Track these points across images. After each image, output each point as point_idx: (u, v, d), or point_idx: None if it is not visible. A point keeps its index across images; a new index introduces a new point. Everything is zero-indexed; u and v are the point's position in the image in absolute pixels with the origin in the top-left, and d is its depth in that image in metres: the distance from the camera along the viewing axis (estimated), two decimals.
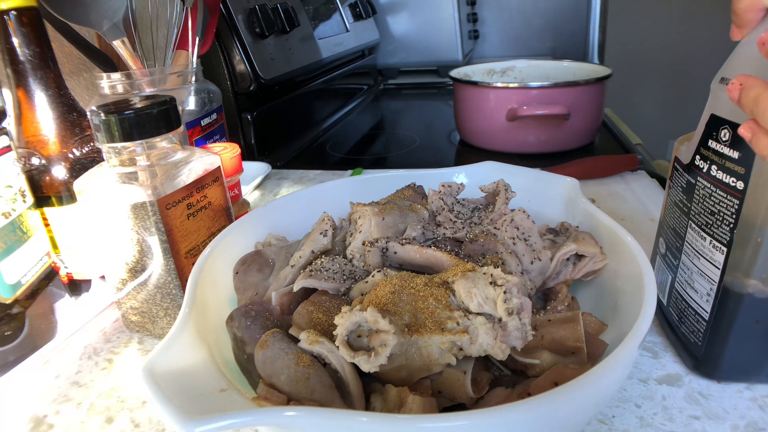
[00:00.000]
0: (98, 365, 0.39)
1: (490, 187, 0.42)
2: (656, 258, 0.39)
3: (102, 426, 0.33)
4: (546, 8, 1.50)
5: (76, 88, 0.70)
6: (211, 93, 0.62)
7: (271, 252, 0.38)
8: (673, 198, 0.36)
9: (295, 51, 0.92)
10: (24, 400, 0.36)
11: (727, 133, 0.29)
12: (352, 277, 0.33)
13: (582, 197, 0.40)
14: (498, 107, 0.78)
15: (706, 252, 0.31)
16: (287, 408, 0.21)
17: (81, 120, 0.44)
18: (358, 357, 0.25)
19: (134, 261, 0.38)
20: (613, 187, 0.65)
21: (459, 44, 1.38)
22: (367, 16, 1.30)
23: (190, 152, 0.40)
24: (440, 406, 0.27)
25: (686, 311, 0.34)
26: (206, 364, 0.26)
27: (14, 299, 0.38)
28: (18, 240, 0.39)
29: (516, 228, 0.35)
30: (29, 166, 0.42)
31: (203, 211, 0.40)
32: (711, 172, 0.30)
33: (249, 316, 0.30)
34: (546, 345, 0.30)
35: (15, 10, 0.40)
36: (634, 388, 0.33)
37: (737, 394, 0.33)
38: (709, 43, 2.01)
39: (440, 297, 0.27)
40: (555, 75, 0.94)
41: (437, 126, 1.04)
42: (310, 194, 0.45)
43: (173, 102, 0.37)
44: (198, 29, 0.58)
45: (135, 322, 0.41)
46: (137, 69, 0.53)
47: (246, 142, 0.85)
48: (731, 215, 0.29)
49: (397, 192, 0.43)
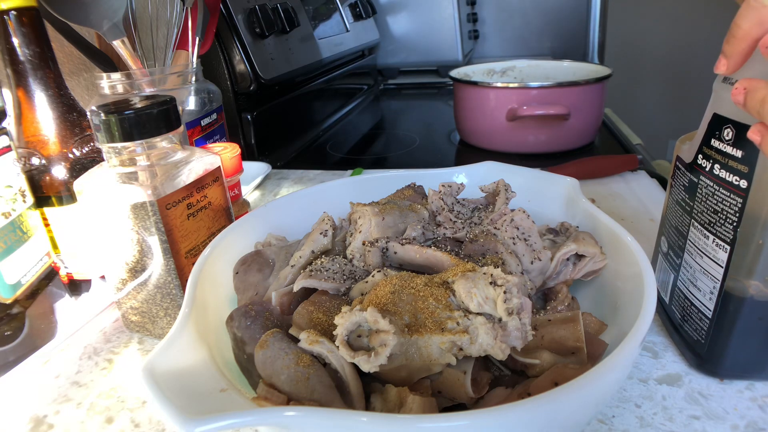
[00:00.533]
0: (98, 365, 0.39)
1: (490, 187, 0.42)
2: (658, 257, 0.39)
3: (102, 426, 0.33)
4: (546, 8, 1.50)
5: (76, 88, 0.70)
6: (211, 93, 0.62)
7: (271, 252, 0.38)
8: (675, 197, 0.36)
9: (295, 51, 0.92)
10: (24, 400, 0.36)
11: (730, 132, 0.29)
12: (352, 277, 0.33)
13: (582, 197, 0.40)
14: (498, 107, 0.78)
15: (709, 251, 0.31)
16: (287, 408, 0.21)
17: (81, 120, 0.44)
18: (358, 357, 0.25)
19: (134, 261, 0.38)
20: (613, 187, 0.65)
21: (459, 44, 1.38)
22: (367, 16, 1.30)
23: (190, 152, 0.40)
24: (440, 406, 0.27)
25: (689, 310, 0.34)
26: (206, 364, 0.26)
27: (14, 299, 0.38)
28: (18, 240, 0.39)
29: (516, 228, 0.35)
30: (29, 166, 0.42)
31: (203, 211, 0.40)
32: (714, 171, 0.30)
33: (249, 316, 0.30)
34: (546, 345, 0.30)
35: (15, 10, 0.40)
36: (634, 388, 0.33)
37: (737, 394, 0.33)
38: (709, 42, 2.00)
39: (440, 297, 0.27)
40: (555, 75, 0.94)
41: (437, 126, 1.04)
42: (310, 194, 0.45)
43: (173, 102, 0.37)
44: (198, 29, 0.58)
45: (135, 322, 0.41)
46: (137, 69, 0.53)
47: (246, 142, 0.85)
48: (734, 214, 0.29)
49: (397, 192, 0.43)
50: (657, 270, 0.39)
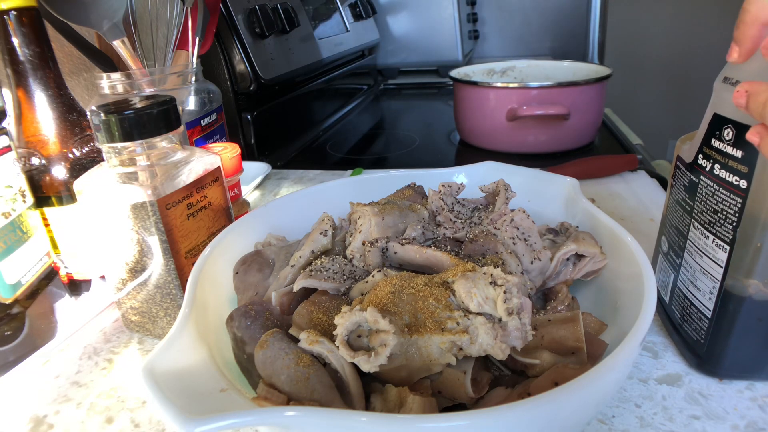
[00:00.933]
0: (98, 365, 0.39)
1: (490, 187, 0.42)
2: (658, 257, 0.39)
3: (102, 426, 0.33)
4: (546, 8, 1.50)
5: (76, 88, 0.70)
6: (211, 93, 0.62)
7: (271, 252, 0.38)
8: (676, 197, 0.36)
9: (295, 51, 0.92)
10: (24, 400, 0.36)
11: (731, 132, 0.29)
12: (352, 277, 0.33)
13: (582, 197, 0.40)
14: (498, 107, 0.78)
15: (708, 250, 0.31)
16: (287, 408, 0.21)
17: (81, 120, 0.44)
18: (358, 357, 0.25)
19: (134, 261, 0.38)
20: (613, 187, 0.65)
21: (459, 44, 1.38)
22: (367, 16, 1.30)
23: (190, 152, 0.40)
24: (440, 406, 0.27)
25: (689, 309, 0.34)
26: (206, 364, 0.26)
27: (14, 299, 0.38)
28: (18, 240, 0.39)
29: (516, 228, 0.35)
30: (29, 166, 0.42)
31: (203, 211, 0.40)
32: (714, 170, 0.30)
33: (249, 316, 0.30)
34: (546, 345, 0.30)
35: (15, 10, 0.40)
36: (634, 388, 0.33)
37: (737, 394, 0.33)
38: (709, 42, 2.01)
39: (440, 297, 0.27)
40: (555, 75, 0.94)
41: (437, 126, 1.04)
42: (310, 194, 0.45)
43: (173, 102, 0.37)
44: (198, 29, 0.58)
45: (135, 322, 0.41)
46: (137, 69, 0.53)
47: (246, 142, 0.85)
48: (734, 213, 0.29)
49: (397, 192, 0.43)
50: (657, 270, 0.39)
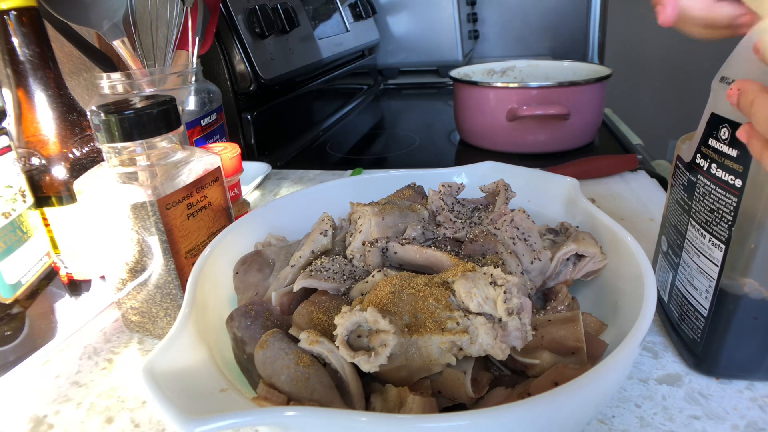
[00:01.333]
0: (98, 365, 0.39)
1: (490, 187, 0.42)
2: (658, 257, 0.39)
3: (102, 426, 0.33)
4: (546, 8, 1.50)
5: (76, 88, 0.70)
6: (211, 93, 0.62)
7: (271, 252, 0.38)
8: (675, 196, 0.36)
9: (295, 51, 0.92)
10: (24, 400, 0.36)
11: (727, 132, 0.29)
12: (352, 277, 0.33)
13: (582, 197, 0.40)
14: (498, 107, 0.78)
15: (705, 249, 0.31)
16: (287, 408, 0.21)
17: (81, 120, 0.44)
18: (358, 357, 0.25)
19: (134, 261, 0.38)
20: (613, 187, 0.65)
21: (459, 44, 1.38)
22: (367, 16, 1.30)
23: (190, 152, 0.40)
24: (440, 406, 0.27)
25: (686, 309, 0.34)
26: (206, 364, 0.26)
27: (14, 299, 0.38)
28: (18, 240, 0.39)
29: (516, 228, 0.35)
30: (29, 166, 0.42)
31: (203, 211, 0.40)
32: (711, 170, 0.30)
33: (249, 316, 0.30)
34: (546, 345, 0.30)
35: (15, 10, 0.40)
36: (634, 388, 0.33)
37: (737, 394, 0.33)
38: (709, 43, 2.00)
39: (440, 297, 0.27)
40: (555, 75, 0.94)
41: (437, 126, 1.04)
42: (310, 194, 0.45)
43: (173, 102, 0.37)
44: (198, 29, 0.58)
45: (135, 322, 0.41)
46: (137, 69, 0.53)
47: (246, 142, 0.85)
48: (730, 213, 0.29)
49: (397, 192, 0.43)
50: (657, 270, 0.39)
